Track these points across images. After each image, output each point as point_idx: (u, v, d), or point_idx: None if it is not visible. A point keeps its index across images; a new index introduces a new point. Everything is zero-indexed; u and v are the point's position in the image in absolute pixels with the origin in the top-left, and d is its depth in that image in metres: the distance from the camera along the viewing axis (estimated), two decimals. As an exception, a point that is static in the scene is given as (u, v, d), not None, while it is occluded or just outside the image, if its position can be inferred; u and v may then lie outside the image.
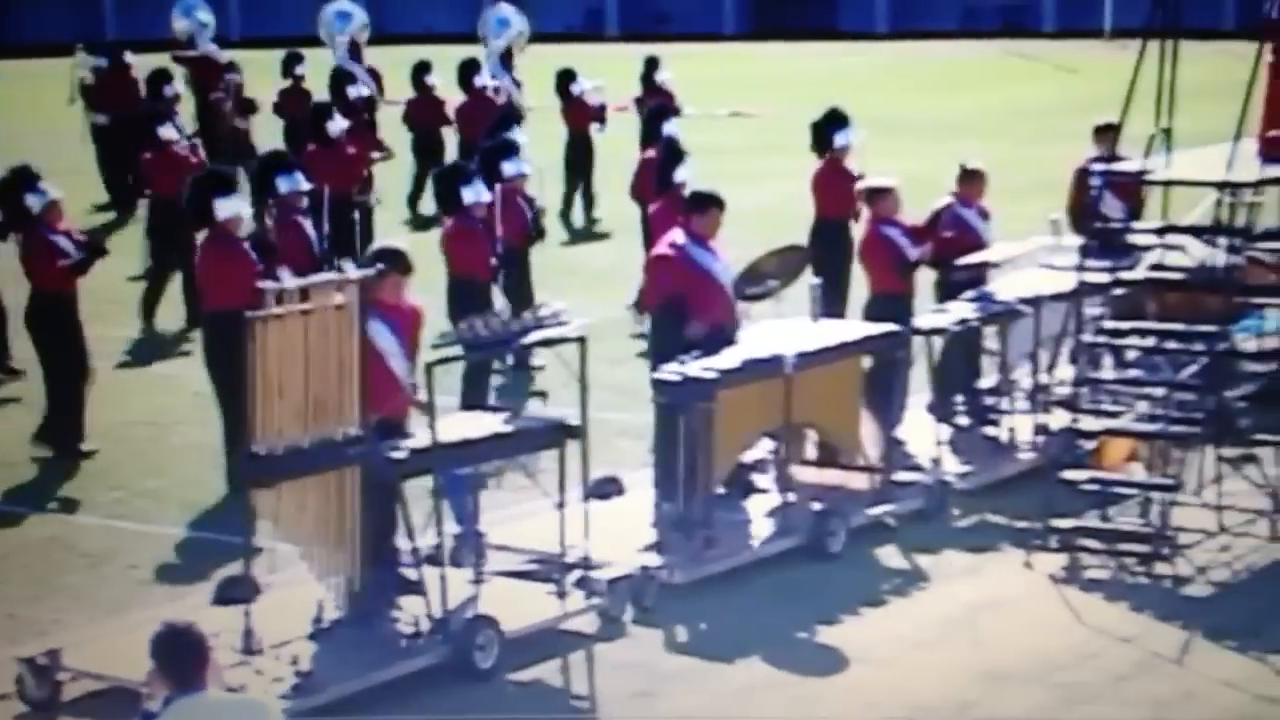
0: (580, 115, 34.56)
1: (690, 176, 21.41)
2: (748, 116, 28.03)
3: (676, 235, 17.41)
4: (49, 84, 33.79)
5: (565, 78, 35.11)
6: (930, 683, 13.54)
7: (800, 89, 25.72)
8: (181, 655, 9.13)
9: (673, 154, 22.33)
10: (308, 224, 20.72)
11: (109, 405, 20.44)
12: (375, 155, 29.85)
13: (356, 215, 26.66)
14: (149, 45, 38.21)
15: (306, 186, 20.87)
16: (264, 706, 9.88)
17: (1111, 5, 58.30)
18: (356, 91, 34.31)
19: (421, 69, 36.37)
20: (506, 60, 37.38)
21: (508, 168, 21.41)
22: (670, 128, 25.60)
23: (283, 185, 20.32)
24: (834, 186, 22.43)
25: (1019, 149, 28.42)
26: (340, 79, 34.64)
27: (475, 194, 20.10)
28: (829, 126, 22.95)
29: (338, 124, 27.68)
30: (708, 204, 17.64)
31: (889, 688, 13.46)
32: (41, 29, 50.23)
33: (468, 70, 35.55)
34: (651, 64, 35.02)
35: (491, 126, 26.28)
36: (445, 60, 37.23)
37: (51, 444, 19.17)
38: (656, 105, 30.24)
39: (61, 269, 18.92)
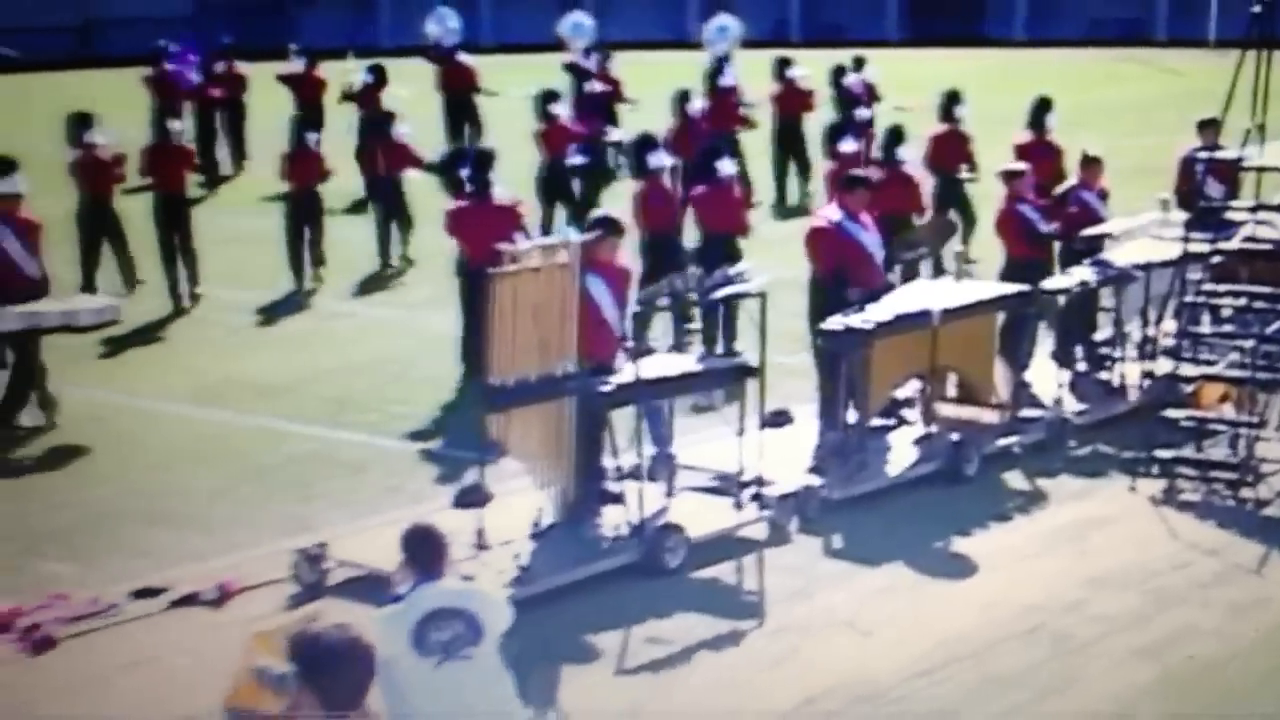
0: (793, 101, 33.82)
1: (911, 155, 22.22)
2: (907, 110, 27.62)
3: (831, 210, 17.40)
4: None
5: (783, 64, 33.61)
6: (1042, 586, 13.51)
7: (949, 86, 25.40)
8: (426, 549, 9.47)
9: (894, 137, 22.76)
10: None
11: (362, 345, 20.61)
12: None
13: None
14: (414, 50, 37.86)
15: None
16: (489, 593, 9.97)
17: (1216, 19, 57.54)
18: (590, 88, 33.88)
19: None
20: (724, 64, 36.36)
21: (652, 160, 20.79)
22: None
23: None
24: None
25: (1124, 139, 28.03)
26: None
27: (658, 160, 20.04)
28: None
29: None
30: (857, 184, 17.63)
31: (1006, 590, 13.44)
32: (319, 34, 50.32)
33: (715, 73, 34.22)
34: (784, 63, 33.69)
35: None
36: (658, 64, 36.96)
37: None
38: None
39: None
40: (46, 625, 12.59)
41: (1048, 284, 18.16)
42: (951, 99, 25.79)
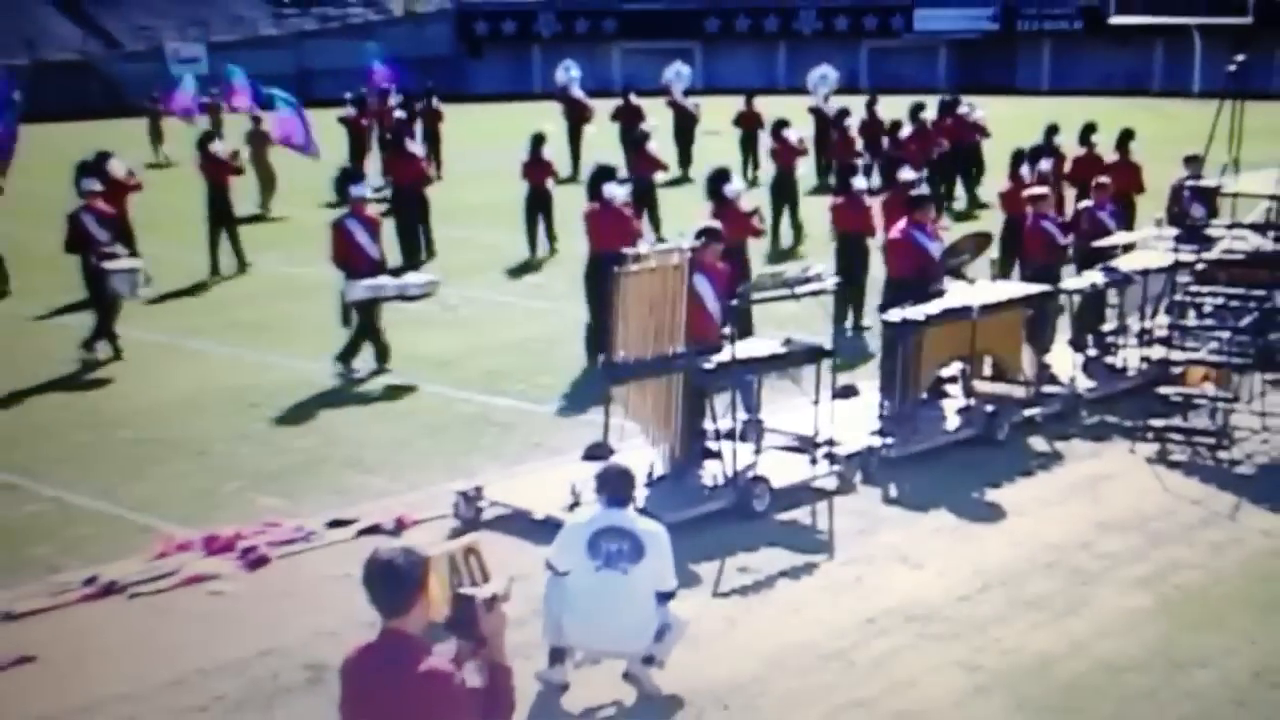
0: (965, 131, 33.52)
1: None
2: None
3: (903, 223, 17.28)
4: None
5: (918, 108, 32.94)
6: (1059, 528, 13.39)
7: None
8: (616, 482, 10.08)
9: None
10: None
11: (515, 327, 20.54)
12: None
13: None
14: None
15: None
16: (659, 530, 10.05)
17: (1199, 74, 57.21)
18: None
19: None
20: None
21: (728, 189, 19.26)
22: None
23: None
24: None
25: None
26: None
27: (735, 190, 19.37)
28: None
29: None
30: (926, 202, 17.56)
31: (1030, 530, 13.33)
32: (487, 81, 50.42)
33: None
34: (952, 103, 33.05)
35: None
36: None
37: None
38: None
39: None
40: (261, 547, 12.67)
41: (1065, 284, 18.08)
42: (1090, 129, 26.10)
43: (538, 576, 10.35)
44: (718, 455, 14.11)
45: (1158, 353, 16.88)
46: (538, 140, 27.98)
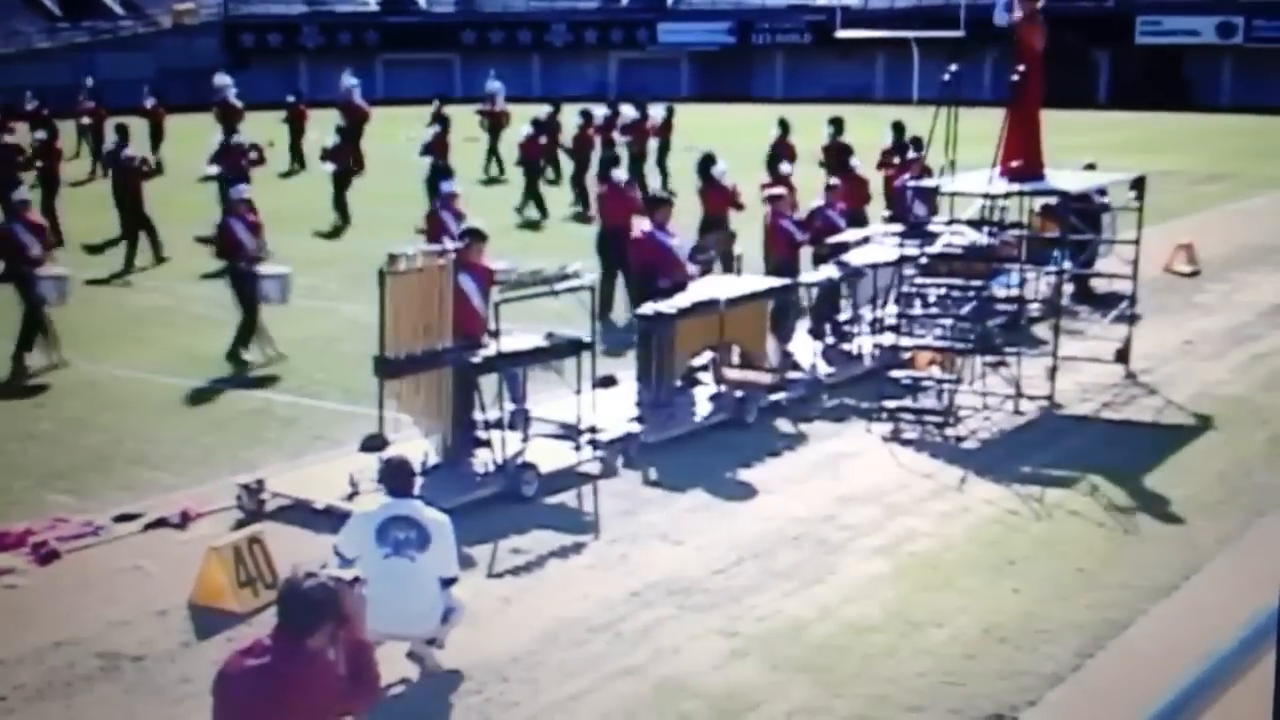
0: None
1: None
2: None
3: (644, 223, 17.44)
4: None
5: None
6: (805, 503, 13.64)
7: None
8: (399, 473, 10.13)
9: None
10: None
11: (297, 326, 20.28)
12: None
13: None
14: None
15: None
16: (444, 520, 10.05)
17: (918, 83, 58.51)
18: None
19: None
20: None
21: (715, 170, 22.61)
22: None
23: None
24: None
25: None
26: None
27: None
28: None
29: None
30: (662, 203, 17.67)
31: (779, 506, 13.57)
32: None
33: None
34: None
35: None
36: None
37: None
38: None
39: None
40: (51, 542, 12.39)
41: (804, 278, 18.35)
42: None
43: (321, 564, 10.26)
44: (487, 444, 14.11)
45: (889, 340, 17.23)
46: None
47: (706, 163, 22.92)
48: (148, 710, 9.62)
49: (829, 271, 18.38)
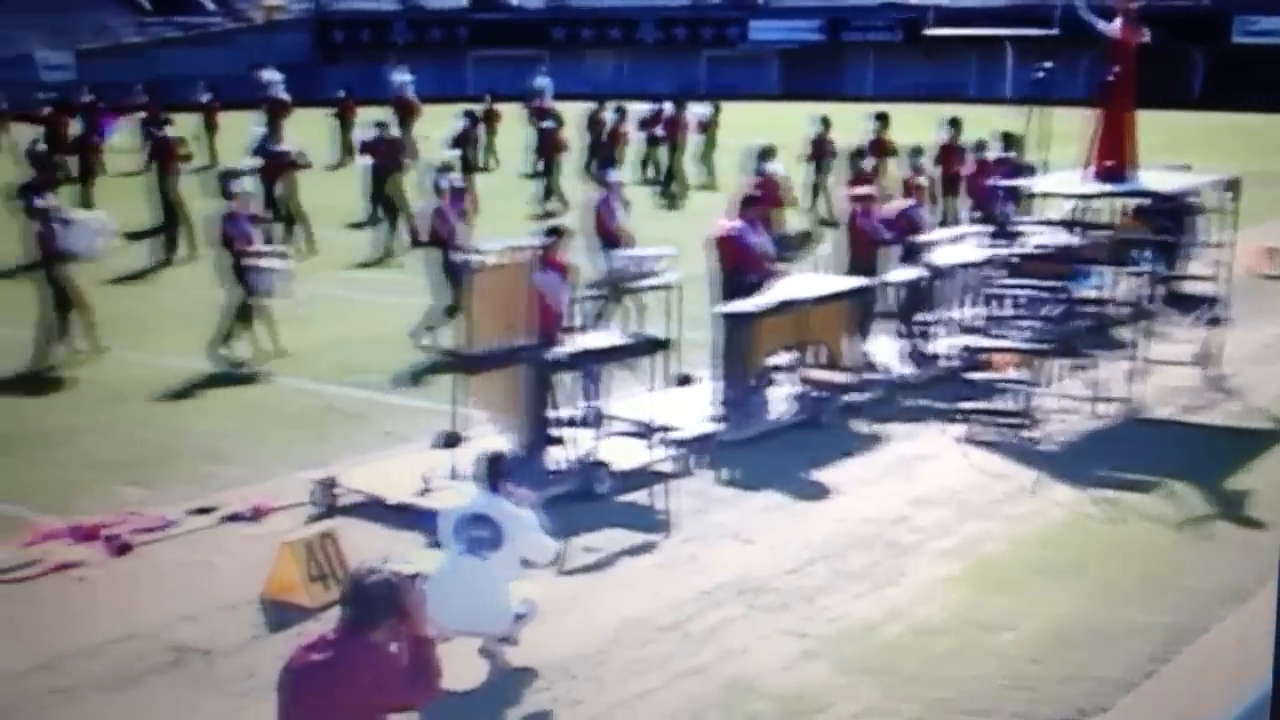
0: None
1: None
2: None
3: (734, 221, 17.36)
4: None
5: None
6: (878, 504, 13.66)
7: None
8: (491, 470, 10.20)
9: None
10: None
11: (363, 323, 20.40)
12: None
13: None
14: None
15: None
16: (527, 520, 10.13)
17: (1011, 82, 58.10)
18: None
19: None
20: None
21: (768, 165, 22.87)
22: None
23: None
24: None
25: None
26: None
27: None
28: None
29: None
30: (753, 201, 17.68)
31: (852, 507, 13.58)
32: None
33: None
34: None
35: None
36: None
37: None
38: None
39: None
40: (125, 535, 12.55)
41: (890, 277, 18.28)
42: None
43: (394, 562, 10.34)
44: (562, 441, 14.18)
45: (969, 341, 17.14)
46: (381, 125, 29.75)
47: (762, 157, 22.97)
48: (214, 703, 9.74)
49: (914, 271, 18.32)
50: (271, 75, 39.42)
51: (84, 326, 19.24)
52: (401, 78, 42.35)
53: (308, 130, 36.26)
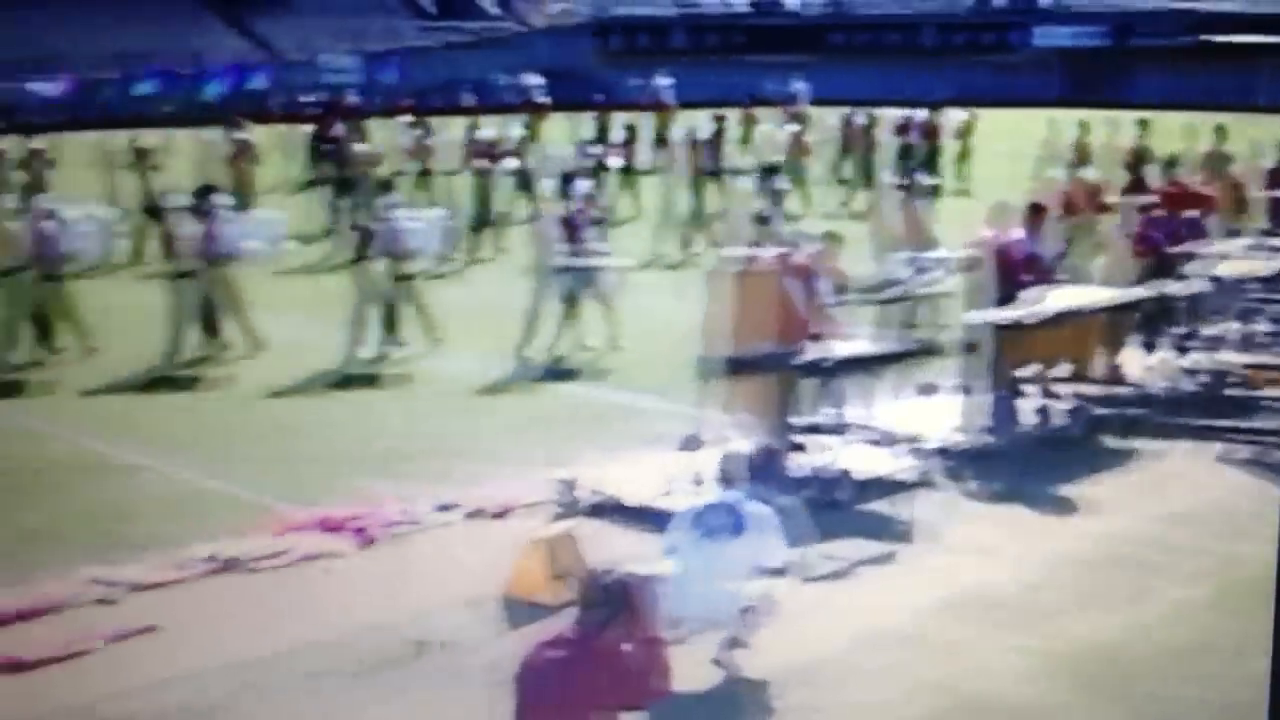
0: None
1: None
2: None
3: (1015, 230, 17.07)
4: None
5: None
6: (1128, 521, 13.45)
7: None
8: (733, 466, 10.52)
9: None
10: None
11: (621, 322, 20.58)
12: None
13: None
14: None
15: None
16: (767, 515, 10.25)
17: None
18: None
19: None
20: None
21: None
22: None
23: None
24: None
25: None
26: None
27: None
28: None
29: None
30: (1040, 210, 17.40)
31: (1100, 524, 13.40)
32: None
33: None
34: None
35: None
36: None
37: None
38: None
39: None
40: (372, 528, 12.84)
41: (1171, 289, 17.74)
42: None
43: (629, 562, 10.42)
44: (803, 447, 14.14)
45: (1229, 357, 16.75)
46: None
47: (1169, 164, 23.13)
48: (453, 696, 9.91)
49: (1187, 284, 17.81)
50: (531, 79, 40.34)
51: (422, 325, 19.90)
52: (661, 82, 43.23)
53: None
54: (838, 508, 13.44)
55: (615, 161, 31.83)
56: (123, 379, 18.48)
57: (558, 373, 18.82)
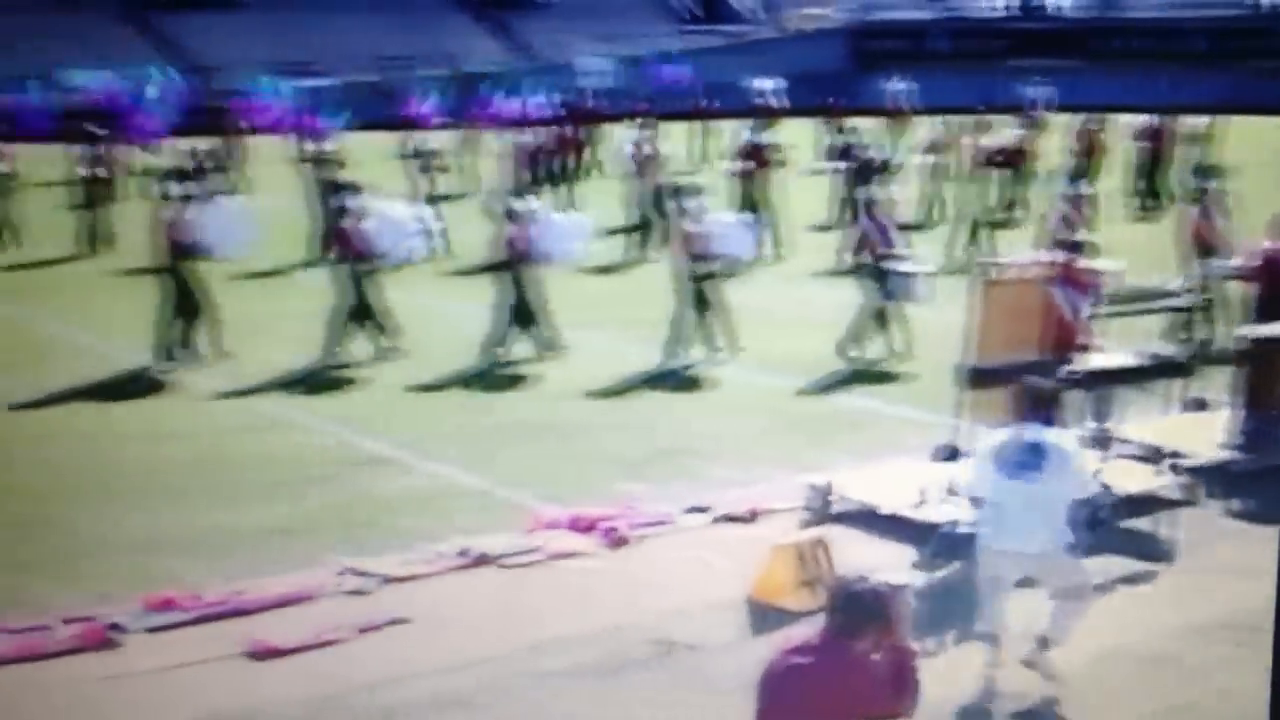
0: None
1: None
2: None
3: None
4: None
5: None
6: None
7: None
8: (1034, 401, 10.63)
9: None
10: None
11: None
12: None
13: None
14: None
15: None
16: (1071, 453, 10.30)
17: None
18: None
19: None
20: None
21: None
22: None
23: None
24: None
25: None
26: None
27: None
28: None
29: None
30: None
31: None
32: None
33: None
34: None
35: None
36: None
37: None
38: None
39: None
40: (622, 528, 13.02)
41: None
42: None
43: (881, 571, 10.38)
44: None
45: None
46: None
47: None
48: (694, 699, 10.01)
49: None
50: (764, 83, 41.63)
51: (723, 331, 20.04)
52: (897, 86, 43.90)
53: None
54: (1098, 525, 13.20)
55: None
56: (424, 379, 19.02)
57: (811, 378, 18.77)
